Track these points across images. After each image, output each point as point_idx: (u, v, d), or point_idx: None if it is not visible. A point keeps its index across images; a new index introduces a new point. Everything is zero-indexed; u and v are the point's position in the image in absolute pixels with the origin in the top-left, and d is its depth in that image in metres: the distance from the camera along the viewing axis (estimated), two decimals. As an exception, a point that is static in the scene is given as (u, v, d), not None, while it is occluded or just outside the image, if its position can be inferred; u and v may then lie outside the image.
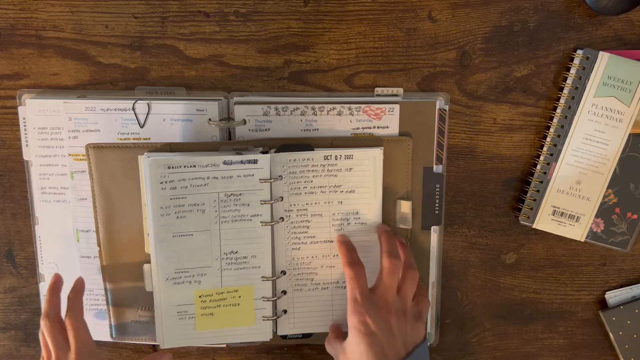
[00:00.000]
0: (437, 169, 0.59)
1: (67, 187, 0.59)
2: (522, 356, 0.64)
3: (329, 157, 0.55)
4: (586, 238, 0.60)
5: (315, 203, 0.56)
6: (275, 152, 0.55)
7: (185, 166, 0.52)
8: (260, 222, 0.55)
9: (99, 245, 0.57)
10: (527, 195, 0.60)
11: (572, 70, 0.58)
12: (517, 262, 0.62)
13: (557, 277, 0.63)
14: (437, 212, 0.60)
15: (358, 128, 0.58)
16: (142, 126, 0.57)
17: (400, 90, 0.59)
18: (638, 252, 0.62)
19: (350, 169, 0.56)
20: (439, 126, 0.58)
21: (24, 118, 0.58)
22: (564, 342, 0.64)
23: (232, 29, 0.58)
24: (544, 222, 0.60)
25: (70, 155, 0.58)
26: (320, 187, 0.56)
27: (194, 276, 0.55)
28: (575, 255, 0.62)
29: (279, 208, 0.56)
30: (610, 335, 0.62)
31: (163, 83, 0.59)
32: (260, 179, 0.54)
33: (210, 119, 0.56)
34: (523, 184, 0.61)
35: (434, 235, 0.60)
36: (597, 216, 0.59)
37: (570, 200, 0.59)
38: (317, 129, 0.58)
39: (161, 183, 0.52)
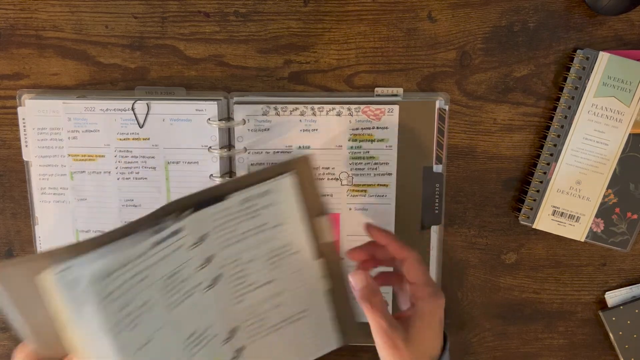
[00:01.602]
0: (437, 168, 0.59)
1: (66, 188, 0.59)
2: (522, 356, 0.64)
3: (246, 200, 0.51)
4: (586, 238, 0.60)
5: (247, 249, 0.52)
6: (192, 212, 0.49)
7: (118, 268, 0.42)
8: (204, 289, 0.50)
9: None
10: (527, 195, 0.60)
11: (572, 71, 0.58)
12: (517, 262, 0.62)
13: (557, 277, 0.63)
14: (436, 211, 0.60)
15: (357, 129, 0.58)
16: (141, 126, 0.57)
17: (400, 90, 0.59)
18: (638, 252, 0.61)
19: (270, 204, 0.52)
20: (439, 126, 0.58)
21: (23, 118, 0.58)
22: (564, 342, 0.64)
23: (232, 29, 0.58)
24: (544, 222, 0.60)
25: (69, 155, 0.58)
26: (247, 231, 0.52)
27: None
28: (575, 255, 0.62)
29: (214, 266, 0.51)
30: (610, 335, 0.62)
31: (163, 83, 0.59)
32: (188, 247, 0.48)
33: (209, 119, 0.57)
34: (523, 184, 0.61)
35: (434, 235, 0.60)
36: (597, 216, 0.59)
37: (570, 200, 0.59)
38: (317, 130, 0.58)
39: (105, 298, 0.41)
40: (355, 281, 0.51)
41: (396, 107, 0.58)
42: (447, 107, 0.59)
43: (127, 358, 0.43)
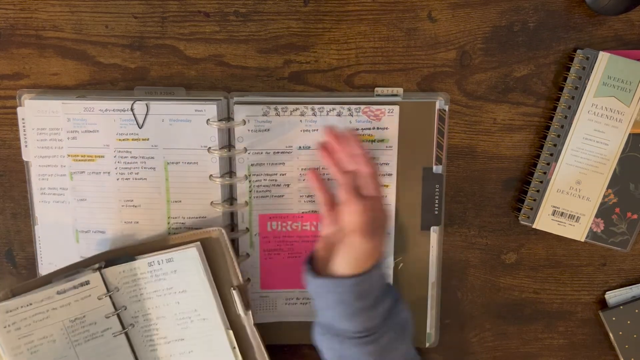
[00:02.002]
0: (437, 169, 0.59)
1: (66, 188, 0.59)
2: (522, 356, 0.64)
3: (152, 264, 0.56)
4: (586, 238, 0.60)
5: (156, 307, 0.57)
6: (104, 267, 0.56)
7: (21, 307, 0.53)
8: (112, 334, 0.56)
9: None
10: (527, 195, 0.60)
11: (572, 70, 0.58)
12: (517, 262, 0.62)
13: (557, 277, 0.63)
14: (436, 212, 0.60)
15: (358, 129, 0.58)
16: (140, 127, 0.57)
17: (400, 90, 0.59)
18: (638, 252, 0.61)
19: (175, 270, 0.56)
20: (439, 126, 0.58)
21: (23, 119, 0.58)
22: (564, 342, 0.64)
23: (232, 29, 0.58)
24: (544, 222, 0.60)
25: (69, 156, 0.58)
26: (155, 291, 0.56)
27: None
28: (575, 255, 0.62)
29: (127, 315, 0.57)
30: (610, 335, 0.62)
31: (163, 83, 0.59)
32: (97, 297, 0.55)
33: (209, 120, 0.56)
34: (523, 184, 0.61)
35: (434, 235, 0.60)
36: (597, 216, 0.59)
37: (570, 200, 0.59)
38: (317, 130, 0.58)
39: (5, 327, 0.52)
40: (310, 176, 0.56)
41: (396, 108, 0.57)
42: (447, 108, 0.59)
43: None
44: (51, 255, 0.60)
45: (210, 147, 0.57)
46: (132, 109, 0.57)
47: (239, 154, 0.58)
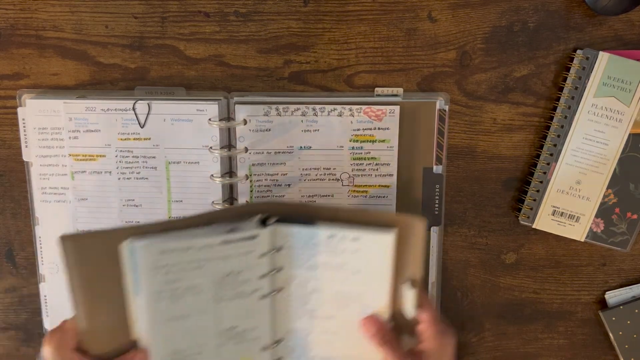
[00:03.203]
0: (437, 169, 0.59)
1: (67, 187, 0.59)
2: (522, 356, 0.64)
3: (333, 237, 0.49)
4: (586, 238, 0.60)
5: (316, 279, 0.51)
6: (276, 221, 0.49)
7: (178, 250, 0.47)
8: (260, 295, 0.50)
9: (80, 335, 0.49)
10: (527, 195, 0.60)
11: (572, 70, 0.58)
12: (517, 262, 0.62)
13: (557, 277, 0.63)
14: (436, 212, 0.60)
15: (359, 129, 0.58)
16: (142, 126, 0.57)
17: (400, 90, 0.59)
18: (638, 252, 0.62)
19: (357, 250, 0.50)
20: (439, 127, 0.58)
21: (23, 119, 0.58)
22: (564, 342, 0.64)
23: (232, 29, 0.58)
24: (544, 222, 0.60)
25: (70, 155, 0.58)
26: (324, 264, 0.50)
27: (192, 355, 0.50)
28: (575, 255, 0.62)
29: (279, 278, 0.51)
30: (610, 335, 0.62)
31: (163, 83, 0.59)
32: (259, 255, 0.49)
33: (210, 119, 0.57)
34: (523, 184, 0.61)
35: (434, 235, 0.60)
36: (597, 216, 0.59)
37: (570, 200, 0.59)
38: (318, 130, 0.58)
39: (154, 269, 0.46)
40: (367, 327, 0.50)
41: (397, 108, 0.58)
42: (447, 108, 0.59)
43: (156, 323, 0.48)
44: (52, 255, 0.60)
45: (211, 147, 0.57)
46: (133, 109, 0.57)
47: (240, 154, 0.58)
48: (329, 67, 0.59)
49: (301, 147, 0.58)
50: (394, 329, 0.51)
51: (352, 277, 0.50)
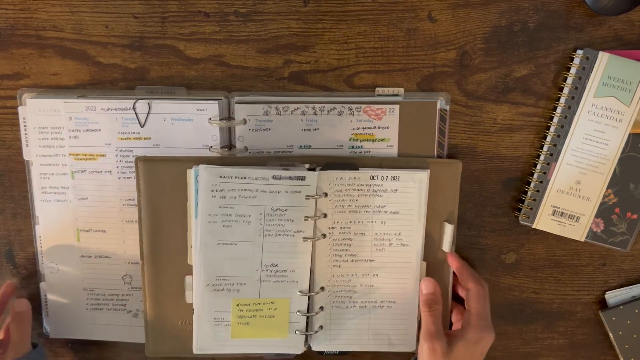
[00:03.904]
0: (437, 168, 0.59)
1: (67, 187, 0.59)
2: (522, 356, 0.64)
3: (375, 177, 0.56)
4: (586, 238, 0.60)
5: (359, 222, 0.57)
6: (321, 169, 0.55)
7: (236, 177, 0.53)
8: (303, 237, 0.56)
9: (142, 258, 0.57)
10: (527, 195, 0.60)
11: (572, 70, 0.58)
12: (517, 262, 0.62)
13: (557, 277, 0.63)
14: None
15: (358, 128, 0.58)
16: (142, 126, 0.57)
17: (401, 90, 0.59)
18: (638, 252, 0.62)
19: (396, 190, 0.56)
20: (440, 126, 0.58)
21: (24, 118, 0.58)
22: (564, 342, 0.64)
23: (232, 29, 0.58)
24: (544, 222, 0.60)
25: (71, 154, 0.58)
26: (365, 206, 0.56)
27: (234, 285, 0.56)
28: (575, 255, 0.62)
29: (323, 225, 0.56)
30: (610, 335, 0.62)
31: (163, 83, 0.59)
32: (306, 196, 0.54)
33: (210, 119, 0.57)
34: (523, 184, 0.61)
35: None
36: (597, 216, 0.59)
37: (570, 200, 0.59)
38: (318, 129, 0.58)
39: (212, 191, 0.53)
40: (425, 286, 0.56)
41: (397, 107, 0.58)
42: (447, 107, 0.59)
43: (207, 244, 0.54)
44: (52, 254, 0.60)
45: (211, 146, 0.57)
46: (134, 108, 0.57)
47: (240, 153, 0.58)
48: (329, 67, 0.59)
49: (301, 146, 0.58)
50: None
51: (392, 217, 0.56)
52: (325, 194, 0.56)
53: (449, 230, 0.57)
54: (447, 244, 0.58)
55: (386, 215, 0.57)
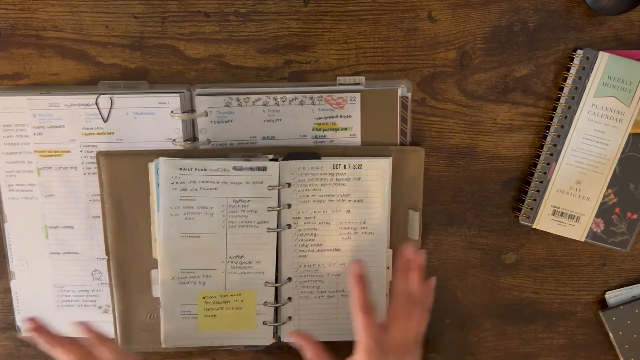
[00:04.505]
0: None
1: (34, 184, 0.59)
2: (522, 356, 0.64)
3: (337, 166, 0.56)
4: (586, 238, 0.60)
5: (323, 211, 0.57)
6: (283, 159, 0.55)
7: (196, 169, 0.53)
8: (267, 228, 0.56)
9: (107, 253, 0.57)
10: (527, 195, 0.60)
11: (572, 70, 0.58)
12: (517, 262, 0.62)
13: (557, 277, 0.63)
14: None
15: (321, 118, 0.58)
16: (105, 121, 0.57)
17: (362, 79, 0.59)
18: (638, 252, 0.62)
19: (359, 178, 0.56)
20: (402, 114, 0.58)
21: None
22: (564, 342, 0.64)
23: (232, 29, 0.58)
24: (544, 222, 0.60)
25: (36, 151, 0.58)
26: (329, 195, 0.56)
27: (199, 277, 0.56)
28: (575, 255, 0.62)
29: (287, 215, 0.56)
30: (610, 335, 0.62)
31: (163, 83, 0.59)
32: (268, 187, 0.55)
33: (172, 112, 0.57)
34: (523, 184, 0.61)
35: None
36: (597, 216, 0.59)
37: (570, 200, 0.59)
38: (280, 120, 0.58)
39: (172, 183, 0.53)
40: (354, 266, 0.53)
41: (358, 96, 0.57)
42: (409, 95, 0.58)
43: (170, 237, 0.55)
44: (21, 252, 0.60)
45: (174, 139, 0.57)
46: (96, 103, 0.57)
47: (203, 146, 0.58)
48: (329, 67, 0.58)
49: (264, 137, 0.58)
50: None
51: (356, 205, 0.56)
52: (289, 184, 0.56)
53: (414, 217, 0.57)
54: (413, 231, 0.58)
55: (350, 203, 0.57)
